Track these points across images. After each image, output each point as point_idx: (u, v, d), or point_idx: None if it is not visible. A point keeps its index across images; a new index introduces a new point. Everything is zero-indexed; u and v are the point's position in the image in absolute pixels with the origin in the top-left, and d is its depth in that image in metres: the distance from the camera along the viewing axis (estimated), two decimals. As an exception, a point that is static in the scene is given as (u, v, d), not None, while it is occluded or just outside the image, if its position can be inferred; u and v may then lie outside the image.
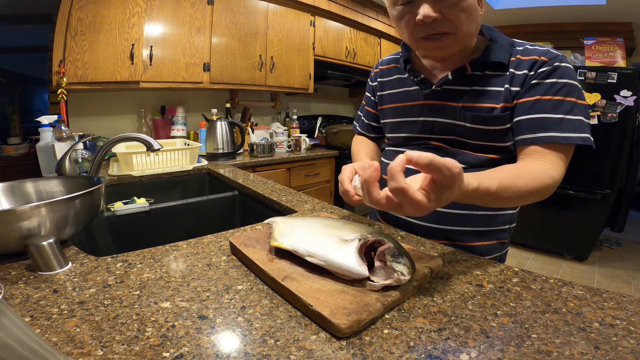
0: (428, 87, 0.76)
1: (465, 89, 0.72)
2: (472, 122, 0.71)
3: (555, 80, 0.64)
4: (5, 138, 1.95)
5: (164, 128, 2.18)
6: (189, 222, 1.16)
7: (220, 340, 0.39)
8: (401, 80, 0.83)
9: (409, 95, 0.81)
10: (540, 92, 0.65)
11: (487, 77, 0.70)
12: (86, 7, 1.61)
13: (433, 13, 0.61)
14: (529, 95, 0.66)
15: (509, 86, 0.68)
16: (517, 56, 0.69)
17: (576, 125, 0.63)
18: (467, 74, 0.71)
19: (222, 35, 2.15)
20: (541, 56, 0.66)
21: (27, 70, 2.05)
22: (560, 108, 0.63)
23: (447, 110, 0.74)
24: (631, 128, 2.48)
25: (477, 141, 0.72)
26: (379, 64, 0.92)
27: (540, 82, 0.65)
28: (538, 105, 0.64)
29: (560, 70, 0.64)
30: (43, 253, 0.53)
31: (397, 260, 0.47)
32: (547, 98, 0.64)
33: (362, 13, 3.04)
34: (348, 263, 0.47)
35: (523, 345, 0.39)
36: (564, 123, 0.63)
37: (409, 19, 0.65)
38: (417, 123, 0.79)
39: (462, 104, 0.72)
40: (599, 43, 2.80)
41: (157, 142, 0.93)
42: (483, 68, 0.70)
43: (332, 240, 0.53)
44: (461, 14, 0.62)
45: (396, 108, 0.84)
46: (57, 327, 0.41)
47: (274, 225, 0.63)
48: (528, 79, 0.66)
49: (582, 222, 2.63)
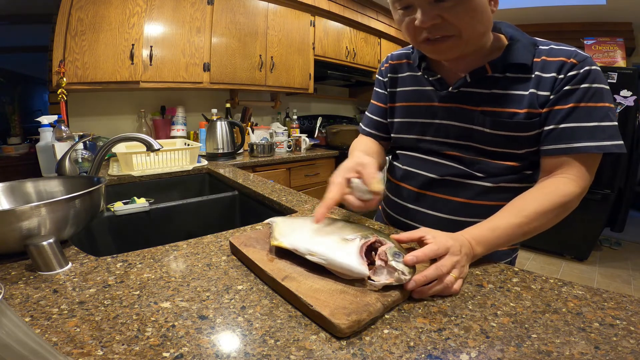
0: (444, 89, 0.72)
1: (485, 92, 0.67)
2: (491, 128, 0.67)
3: (588, 86, 0.61)
4: (5, 138, 1.95)
5: (164, 128, 2.18)
6: (189, 222, 1.16)
7: (220, 340, 0.39)
8: (414, 78, 0.78)
9: (422, 95, 0.76)
10: (574, 100, 0.61)
11: (509, 80, 0.66)
12: (86, 7, 1.61)
13: (431, 19, 0.58)
14: (562, 102, 0.62)
15: (535, 90, 0.63)
16: (542, 57, 0.64)
17: (612, 133, 0.60)
18: (486, 75, 0.67)
19: (222, 35, 2.15)
20: (570, 58, 0.62)
21: (27, 70, 2.05)
22: (594, 116, 0.60)
23: (464, 114, 0.70)
24: (631, 128, 2.48)
25: (495, 148, 0.68)
26: (389, 58, 0.86)
27: (573, 88, 0.61)
28: (573, 114, 0.61)
29: (592, 74, 0.61)
30: (43, 253, 0.53)
31: (398, 260, 0.47)
32: (582, 105, 0.61)
33: (362, 13, 3.04)
34: (349, 262, 0.47)
35: (523, 345, 0.39)
36: (599, 131, 0.60)
37: (409, 22, 0.62)
38: (431, 126, 0.75)
39: (480, 108, 0.67)
40: (599, 43, 2.80)
41: (157, 142, 0.93)
42: (504, 70, 0.66)
43: (333, 239, 0.53)
44: (464, 16, 0.58)
45: (407, 107, 0.79)
46: (57, 327, 0.41)
47: (274, 225, 0.63)
48: (558, 83, 0.62)
49: (582, 222, 2.63)
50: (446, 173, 0.72)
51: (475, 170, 0.70)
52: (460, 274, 0.51)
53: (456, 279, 0.50)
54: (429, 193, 0.75)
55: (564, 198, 0.60)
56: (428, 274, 0.48)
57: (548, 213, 0.59)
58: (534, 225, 0.59)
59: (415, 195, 0.77)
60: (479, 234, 0.57)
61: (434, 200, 0.74)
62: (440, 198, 0.74)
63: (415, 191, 0.77)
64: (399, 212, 0.82)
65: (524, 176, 0.70)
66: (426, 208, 0.76)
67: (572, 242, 2.71)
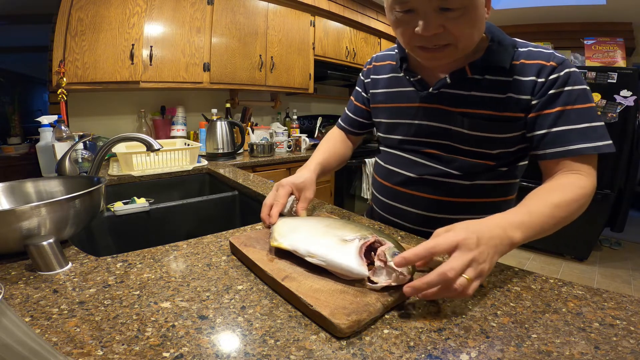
0: (424, 90, 0.73)
1: (464, 93, 0.69)
2: (469, 129, 0.69)
3: (571, 88, 0.62)
4: (5, 138, 1.94)
5: (164, 128, 2.18)
6: (189, 222, 1.16)
7: (220, 340, 0.39)
8: (397, 79, 0.80)
9: (404, 96, 0.78)
10: (561, 103, 0.62)
11: (488, 82, 0.67)
12: (86, 7, 1.61)
13: (434, 28, 0.57)
14: (550, 106, 0.63)
15: (513, 94, 0.65)
16: (521, 60, 0.65)
17: (602, 132, 0.61)
18: (466, 77, 0.68)
19: (222, 35, 2.15)
20: (549, 61, 0.63)
21: (27, 70, 2.05)
22: (583, 117, 0.61)
23: (443, 114, 0.71)
24: (631, 128, 2.48)
25: (472, 147, 0.70)
26: (373, 59, 0.89)
27: (558, 91, 0.62)
28: (562, 117, 0.62)
29: (573, 76, 0.62)
30: (43, 253, 0.53)
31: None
32: (569, 108, 0.62)
33: (362, 13, 3.04)
34: (348, 263, 0.47)
35: (523, 345, 0.39)
36: (589, 132, 0.61)
37: (407, 27, 0.60)
38: (411, 126, 0.77)
39: (459, 109, 0.69)
40: (599, 43, 2.80)
41: (157, 142, 0.93)
42: (483, 72, 0.67)
43: (332, 240, 0.53)
44: (465, 27, 0.58)
45: (390, 108, 0.81)
46: (57, 327, 0.41)
47: (273, 225, 0.63)
48: (540, 87, 0.63)
49: (582, 222, 2.61)
50: (424, 172, 0.75)
51: (453, 168, 0.73)
52: (476, 274, 0.43)
53: (470, 281, 0.42)
54: (408, 191, 0.78)
55: (584, 190, 0.59)
56: (430, 280, 0.41)
57: (572, 203, 0.58)
58: (563, 215, 0.56)
59: (395, 193, 0.81)
60: (514, 218, 0.52)
61: (413, 197, 0.78)
62: (418, 196, 0.77)
63: (395, 189, 0.81)
64: (382, 209, 0.86)
65: (498, 174, 0.73)
66: (406, 205, 0.79)
67: (572, 242, 2.71)
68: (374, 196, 0.90)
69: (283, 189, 0.74)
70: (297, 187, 0.76)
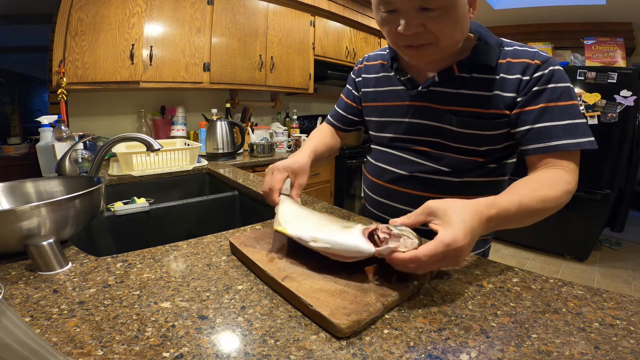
0: (414, 88, 0.74)
1: (452, 91, 0.70)
2: (457, 126, 0.70)
3: (554, 86, 0.63)
4: (5, 138, 1.95)
5: (164, 128, 2.18)
6: (189, 222, 1.16)
7: (220, 340, 0.39)
8: (387, 79, 0.81)
9: (394, 95, 0.79)
10: (544, 100, 0.64)
11: (475, 80, 0.69)
12: (86, 7, 1.61)
13: (414, 27, 0.59)
14: (533, 103, 0.64)
15: (499, 92, 0.67)
16: (507, 59, 0.67)
17: (584, 129, 0.62)
18: (454, 75, 0.70)
19: (222, 35, 2.15)
20: (534, 59, 0.65)
21: (27, 70, 2.05)
22: (565, 114, 0.63)
23: (432, 112, 0.73)
24: (631, 128, 2.48)
25: (461, 144, 0.72)
26: (365, 59, 0.90)
27: (541, 88, 0.64)
28: (545, 114, 0.63)
29: (557, 74, 0.64)
30: (43, 253, 0.53)
31: (401, 228, 0.48)
32: (552, 105, 0.63)
33: (362, 13, 3.04)
34: (354, 242, 0.48)
35: (523, 345, 0.39)
36: (572, 128, 0.62)
37: (391, 26, 0.63)
38: (402, 124, 0.78)
39: (448, 107, 0.71)
40: (599, 43, 2.80)
41: (157, 142, 0.93)
42: (470, 70, 0.69)
43: (336, 227, 0.54)
44: (445, 26, 0.60)
45: (381, 107, 0.83)
46: (57, 327, 0.41)
47: (279, 206, 0.64)
48: (524, 85, 0.65)
49: (582, 222, 2.63)
50: (415, 170, 0.76)
51: (442, 165, 0.74)
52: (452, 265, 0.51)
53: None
54: (399, 188, 0.79)
55: (569, 185, 0.60)
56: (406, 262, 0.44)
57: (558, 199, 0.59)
58: (547, 209, 0.58)
59: (386, 190, 0.81)
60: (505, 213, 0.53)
61: (404, 195, 0.78)
62: (409, 193, 0.78)
63: (386, 186, 0.81)
64: (374, 206, 0.87)
65: (487, 171, 0.74)
66: (398, 202, 0.80)
67: (572, 242, 2.71)
68: (366, 194, 0.91)
69: (280, 173, 0.72)
70: (293, 172, 0.74)
